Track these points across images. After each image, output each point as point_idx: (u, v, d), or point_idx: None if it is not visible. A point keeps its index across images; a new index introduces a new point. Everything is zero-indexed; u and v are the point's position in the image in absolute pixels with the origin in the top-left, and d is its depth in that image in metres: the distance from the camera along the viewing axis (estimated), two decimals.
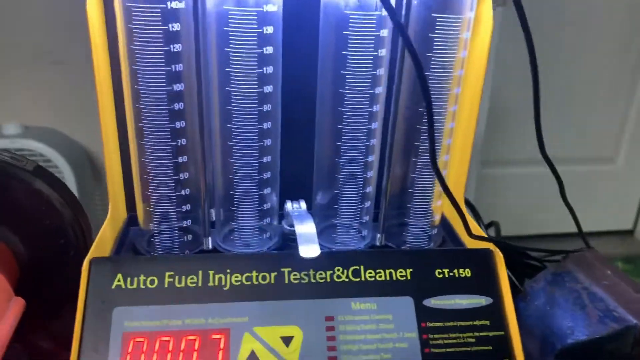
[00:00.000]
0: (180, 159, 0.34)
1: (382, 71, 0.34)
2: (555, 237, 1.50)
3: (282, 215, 0.39)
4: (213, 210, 0.38)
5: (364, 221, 0.38)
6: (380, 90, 0.34)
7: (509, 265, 0.53)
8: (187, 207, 0.36)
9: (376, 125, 0.35)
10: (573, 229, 0.47)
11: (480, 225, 0.65)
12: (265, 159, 0.35)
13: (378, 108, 0.35)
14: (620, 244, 1.63)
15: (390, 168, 0.36)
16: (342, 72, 0.33)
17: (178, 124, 0.33)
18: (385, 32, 0.33)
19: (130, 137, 0.34)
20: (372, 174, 0.37)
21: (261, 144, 0.34)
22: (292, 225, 0.38)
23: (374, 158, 0.36)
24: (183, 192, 0.35)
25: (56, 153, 1.02)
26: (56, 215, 0.40)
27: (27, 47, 0.99)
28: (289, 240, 0.38)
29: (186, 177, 0.35)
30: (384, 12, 0.32)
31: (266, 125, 0.34)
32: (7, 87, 1.03)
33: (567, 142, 1.46)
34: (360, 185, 0.37)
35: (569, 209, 0.41)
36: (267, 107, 0.34)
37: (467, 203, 0.66)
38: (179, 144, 0.34)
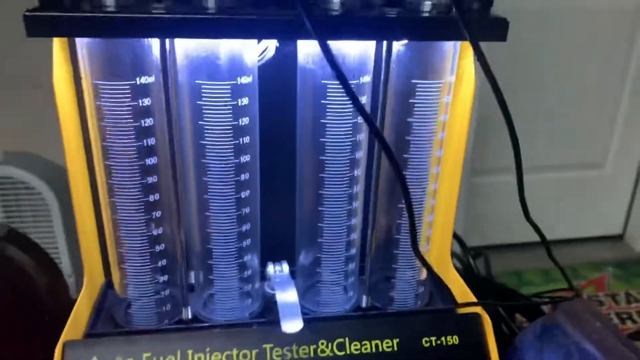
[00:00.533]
0: (155, 231, 0.33)
1: (362, 136, 0.33)
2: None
3: (264, 273, 0.38)
4: (193, 273, 0.36)
5: (349, 282, 0.37)
6: (361, 154, 0.33)
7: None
8: (165, 277, 0.35)
9: (358, 189, 0.34)
10: (565, 236, 0.46)
11: (468, 258, 0.64)
12: (244, 227, 0.34)
13: (359, 172, 0.34)
14: (610, 249, 1.64)
15: (373, 230, 0.35)
16: (321, 139, 0.32)
17: (152, 197, 0.32)
18: (364, 99, 0.32)
19: (104, 211, 0.33)
20: (355, 236, 0.36)
21: (240, 212, 0.33)
22: (274, 288, 0.37)
23: (357, 221, 0.36)
24: (160, 264, 0.34)
25: (38, 179, 1.00)
26: (30, 282, 0.39)
27: (5, 71, 0.97)
28: (272, 303, 0.37)
29: (163, 248, 0.34)
30: (362, 80, 0.31)
31: (244, 194, 0.33)
32: None
33: (556, 149, 1.46)
34: (344, 248, 0.36)
35: (556, 265, 0.40)
36: (244, 176, 0.32)
37: (455, 236, 0.65)
38: (154, 217, 0.32)
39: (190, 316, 0.35)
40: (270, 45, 0.33)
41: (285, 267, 0.37)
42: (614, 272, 1.56)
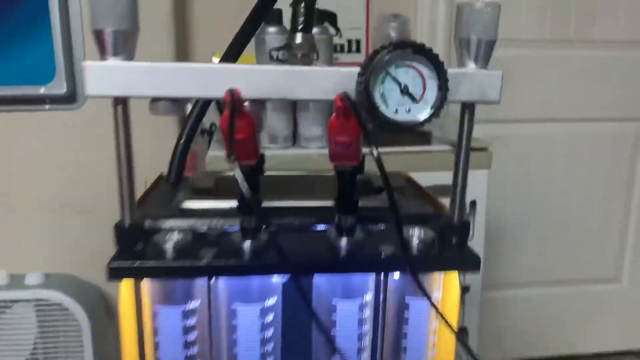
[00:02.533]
0: None
1: (367, 340, 0.40)
2: None
3: None
4: None
5: None
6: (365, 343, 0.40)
7: None
8: None
9: None
10: (587, 351, 0.46)
11: None
12: None
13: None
14: None
15: None
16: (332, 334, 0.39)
17: None
18: (367, 312, 0.39)
19: None
20: None
21: None
22: None
23: None
24: None
25: (73, 301, 1.09)
26: None
27: (49, 198, 1.09)
28: None
29: None
30: (366, 298, 0.39)
31: None
32: (32, 236, 1.12)
33: (571, 263, 1.49)
34: None
35: None
36: None
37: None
38: None
39: None
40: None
41: None
42: None
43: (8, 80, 0.98)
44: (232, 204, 0.41)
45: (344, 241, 0.37)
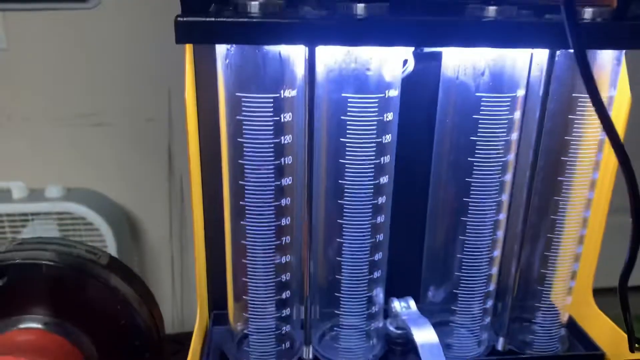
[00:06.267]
0: (283, 259, 0.30)
1: (512, 157, 0.30)
2: None
3: (385, 311, 0.34)
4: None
5: (484, 323, 0.33)
6: (509, 177, 0.30)
7: None
8: (287, 311, 0.32)
9: (504, 216, 0.31)
10: None
11: None
12: (376, 256, 0.31)
13: (506, 197, 0.31)
14: None
15: (519, 263, 0.32)
16: (469, 158, 0.29)
17: (284, 221, 0.29)
18: (517, 114, 0.29)
19: (229, 238, 0.30)
20: (495, 270, 0.32)
21: (373, 240, 0.30)
22: (398, 328, 0.33)
23: (498, 253, 0.32)
24: (284, 295, 0.31)
25: (97, 215, 1.00)
26: (132, 315, 0.36)
27: (69, 110, 0.99)
28: (394, 344, 0.34)
29: (289, 279, 0.31)
30: (519, 93, 0.29)
31: (380, 219, 0.30)
32: (49, 149, 1.03)
33: None
34: (484, 283, 0.32)
35: None
36: (381, 200, 0.30)
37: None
38: (284, 242, 0.30)
39: (311, 356, 0.32)
40: (410, 60, 0.31)
41: (412, 303, 0.34)
42: None
43: None
44: None
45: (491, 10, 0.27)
